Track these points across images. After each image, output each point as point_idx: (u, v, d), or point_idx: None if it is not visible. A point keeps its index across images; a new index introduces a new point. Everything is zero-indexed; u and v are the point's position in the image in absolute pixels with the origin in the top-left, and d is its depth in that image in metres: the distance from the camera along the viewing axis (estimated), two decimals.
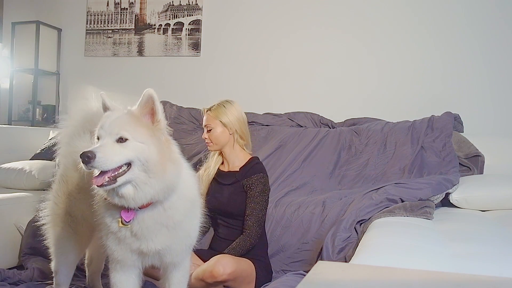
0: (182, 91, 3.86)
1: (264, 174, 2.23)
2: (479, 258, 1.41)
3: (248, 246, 2.11)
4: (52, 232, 1.89)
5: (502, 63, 3.18)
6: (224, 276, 1.92)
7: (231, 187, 2.24)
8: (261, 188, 2.17)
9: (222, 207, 2.26)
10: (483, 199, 2.33)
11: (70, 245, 1.87)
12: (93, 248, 2.07)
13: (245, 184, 2.19)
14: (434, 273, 1.04)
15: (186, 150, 3.15)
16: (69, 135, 1.93)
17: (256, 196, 2.16)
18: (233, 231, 2.23)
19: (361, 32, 3.46)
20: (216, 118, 2.24)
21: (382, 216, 1.99)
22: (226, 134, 2.24)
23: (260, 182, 2.18)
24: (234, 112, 2.24)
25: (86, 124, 1.87)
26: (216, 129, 2.24)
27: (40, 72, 4.09)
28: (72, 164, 1.83)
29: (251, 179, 2.18)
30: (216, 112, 2.24)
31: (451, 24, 3.28)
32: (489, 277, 0.99)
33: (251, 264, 2.10)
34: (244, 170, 2.24)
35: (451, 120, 2.96)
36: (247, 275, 2.05)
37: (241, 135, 2.26)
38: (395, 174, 2.69)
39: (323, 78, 3.54)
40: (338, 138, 3.01)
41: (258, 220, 2.14)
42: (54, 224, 1.89)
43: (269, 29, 3.68)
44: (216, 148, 2.29)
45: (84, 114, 1.94)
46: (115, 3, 4.13)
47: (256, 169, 2.22)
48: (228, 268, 1.93)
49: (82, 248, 1.97)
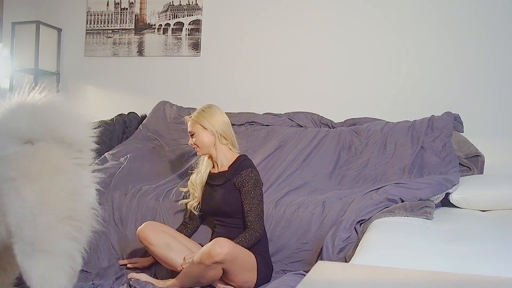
0: (182, 91, 3.86)
1: (253, 168, 2.31)
2: (479, 258, 1.41)
3: (254, 240, 2.16)
4: None
5: (502, 63, 3.18)
6: (221, 256, 1.96)
7: (223, 187, 2.30)
8: (253, 183, 2.24)
9: (217, 207, 2.31)
10: (483, 199, 2.33)
11: None
12: None
13: (236, 181, 2.26)
14: (434, 273, 1.04)
15: (186, 150, 3.15)
16: None
17: (250, 191, 2.22)
18: (231, 230, 2.27)
19: (361, 32, 3.46)
20: (196, 123, 2.38)
21: (382, 216, 2.00)
22: (209, 136, 2.36)
23: (250, 177, 2.25)
24: (213, 115, 2.38)
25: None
26: (198, 133, 2.37)
27: (40, 72, 4.09)
28: None
29: (240, 175, 2.26)
30: (196, 117, 2.39)
31: (451, 24, 3.28)
32: (489, 277, 0.99)
33: (252, 255, 2.13)
34: (233, 168, 2.32)
35: (451, 120, 2.96)
36: (246, 261, 2.09)
37: (223, 135, 2.38)
38: (395, 174, 2.69)
39: (323, 78, 3.54)
40: (338, 138, 3.01)
41: (258, 214, 2.20)
42: None
43: (269, 29, 3.68)
44: (204, 151, 2.40)
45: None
46: (115, 3, 4.13)
47: (244, 165, 2.31)
48: (226, 248, 1.98)
49: None
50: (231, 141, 2.42)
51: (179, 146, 3.23)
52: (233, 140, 2.44)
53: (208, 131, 2.36)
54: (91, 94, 4.16)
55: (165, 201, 2.60)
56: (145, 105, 3.78)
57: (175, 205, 2.58)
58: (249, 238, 2.15)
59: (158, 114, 3.58)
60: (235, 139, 2.45)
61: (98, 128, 1.75)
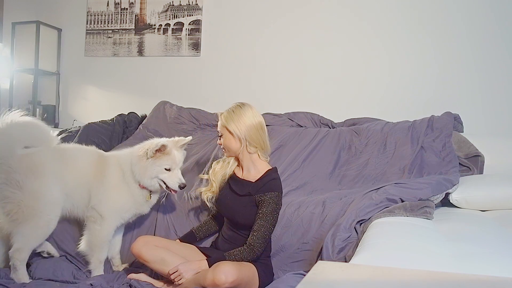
0: (182, 91, 3.86)
1: (279, 192, 2.17)
2: (479, 258, 1.41)
3: (248, 259, 2.10)
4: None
5: (502, 63, 3.18)
6: (227, 285, 1.90)
7: (243, 199, 2.20)
8: (273, 207, 2.12)
9: (231, 216, 2.24)
10: (483, 199, 2.33)
11: None
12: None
13: (258, 199, 2.15)
14: (434, 273, 1.04)
15: (186, 150, 3.15)
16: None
17: (266, 214, 2.11)
18: (238, 236, 2.23)
19: (361, 32, 3.46)
20: (224, 124, 2.20)
21: (382, 216, 1.99)
22: (235, 142, 2.19)
23: (273, 201, 2.13)
24: (241, 118, 2.17)
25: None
26: (225, 136, 2.21)
27: (40, 72, 4.09)
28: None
29: (264, 195, 2.13)
30: (225, 118, 2.20)
31: (451, 24, 3.28)
32: (489, 277, 0.99)
33: (253, 268, 2.10)
34: (259, 185, 2.18)
35: (451, 120, 2.96)
36: (249, 280, 2.04)
37: (251, 142, 2.18)
38: (395, 174, 2.69)
39: (323, 78, 3.54)
40: (338, 138, 3.01)
41: (263, 237, 2.11)
42: None
43: (269, 29, 3.68)
44: (230, 154, 2.26)
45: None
46: (115, 3, 4.13)
47: (272, 186, 2.16)
48: (230, 277, 1.90)
49: None
50: (261, 147, 2.20)
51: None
52: (264, 147, 2.22)
53: (235, 136, 2.17)
54: (91, 94, 4.16)
55: (167, 201, 2.60)
56: (145, 105, 3.78)
57: (176, 204, 2.59)
58: (245, 256, 2.08)
59: (158, 114, 3.58)
60: (266, 144, 2.24)
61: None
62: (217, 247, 2.30)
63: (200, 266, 2.06)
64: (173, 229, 2.52)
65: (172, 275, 2.06)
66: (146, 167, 2.26)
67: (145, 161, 2.26)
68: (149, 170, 2.26)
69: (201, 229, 2.40)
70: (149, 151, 2.24)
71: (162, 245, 2.20)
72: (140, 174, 2.28)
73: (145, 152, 2.26)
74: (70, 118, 4.14)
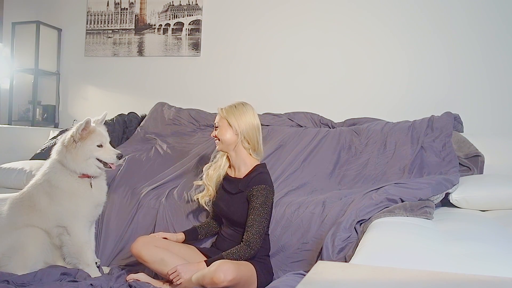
0: (182, 91, 3.86)
1: (267, 185, 2.18)
2: (479, 258, 1.41)
3: (247, 256, 2.10)
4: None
5: (502, 63, 3.18)
6: (225, 283, 1.91)
7: (235, 197, 2.24)
8: (262, 200, 2.14)
9: (226, 214, 2.27)
10: (483, 199, 2.33)
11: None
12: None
13: (248, 194, 2.18)
14: (434, 273, 1.04)
15: (185, 151, 3.15)
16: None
17: (256, 207, 2.12)
18: (237, 234, 2.24)
19: (361, 32, 3.46)
20: (224, 117, 2.27)
21: (382, 216, 1.99)
22: (231, 134, 2.25)
23: (261, 194, 2.14)
24: (243, 114, 2.25)
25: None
26: (222, 127, 2.26)
27: (40, 72, 4.09)
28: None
29: (252, 190, 2.16)
30: (226, 111, 2.27)
31: (451, 25, 3.28)
32: (489, 277, 0.99)
33: (251, 267, 2.10)
34: (247, 180, 2.22)
35: (451, 120, 2.96)
36: (247, 279, 2.04)
37: (247, 138, 2.25)
38: (395, 174, 2.69)
39: (323, 78, 3.54)
40: (338, 138, 3.01)
41: (258, 232, 2.11)
42: None
43: (269, 29, 3.68)
44: (223, 147, 2.30)
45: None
46: (115, 3, 4.13)
47: (258, 180, 2.19)
48: (229, 275, 1.91)
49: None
50: (254, 147, 2.27)
51: (178, 147, 3.23)
52: (257, 146, 2.29)
53: (233, 129, 2.24)
54: (91, 94, 4.16)
55: (166, 201, 2.60)
56: (145, 105, 3.79)
57: (176, 204, 2.59)
58: (242, 254, 2.09)
59: (156, 115, 3.58)
60: (260, 146, 2.30)
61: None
62: (217, 247, 2.30)
63: (199, 267, 2.06)
64: (173, 229, 2.51)
65: (171, 275, 2.07)
66: (77, 151, 2.27)
67: (74, 146, 2.27)
68: (82, 152, 2.27)
69: (203, 228, 2.41)
70: (75, 134, 2.26)
71: (162, 246, 2.21)
72: (74, 159, 2.27)
73: (71, 138, 2.28)
74: (70, 118, 4.14)
